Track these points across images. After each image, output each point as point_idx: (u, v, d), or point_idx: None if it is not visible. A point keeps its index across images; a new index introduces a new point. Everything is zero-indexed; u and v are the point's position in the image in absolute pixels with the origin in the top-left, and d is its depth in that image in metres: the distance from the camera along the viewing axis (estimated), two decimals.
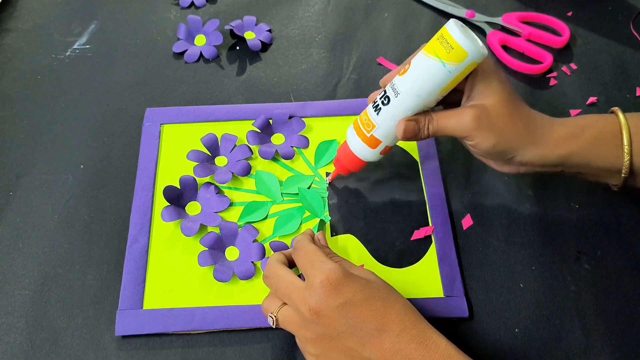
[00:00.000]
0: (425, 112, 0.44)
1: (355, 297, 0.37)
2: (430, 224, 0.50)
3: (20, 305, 0.46)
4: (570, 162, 0.43)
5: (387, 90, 0.44)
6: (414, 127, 0.43)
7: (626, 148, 0.42)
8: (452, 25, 0.39)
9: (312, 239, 0.43)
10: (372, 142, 0.46)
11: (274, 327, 0.40)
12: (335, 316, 0.36)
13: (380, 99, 0.44)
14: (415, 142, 0.54)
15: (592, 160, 0.43)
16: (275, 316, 0.39)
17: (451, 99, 0.45)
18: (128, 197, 0.51)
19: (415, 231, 0.49)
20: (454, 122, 0.43)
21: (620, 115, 0.43)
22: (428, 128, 0.44)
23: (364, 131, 0.45)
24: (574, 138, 0.42)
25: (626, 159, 0.42)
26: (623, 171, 0.43)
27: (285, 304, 0.39)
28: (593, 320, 0.45)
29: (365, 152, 0.47)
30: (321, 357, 0.38)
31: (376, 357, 0.36)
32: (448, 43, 0.39)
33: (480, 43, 0.40)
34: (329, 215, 0.50)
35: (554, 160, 0.43)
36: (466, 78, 0.42)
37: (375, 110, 0.44)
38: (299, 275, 0.40)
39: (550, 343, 0.44)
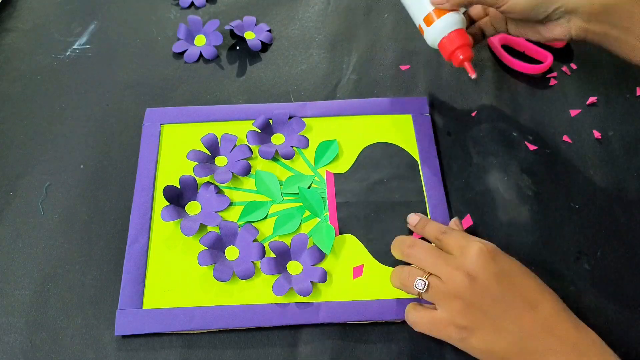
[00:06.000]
0: None
1: (512, 269, 0.38)
2: None
3: (20, 305, 0.46)
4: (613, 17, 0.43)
5: None
6: None
7: None
8: None
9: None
10: (440, 13, 0.50)
11: (423, 291, 0.39)
12: (491, 282, 0.37)
13: None
14: (415, 142, 0.54)
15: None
16: (426, 280, 0.39)
17: None
18: (128, 197, 0.51)
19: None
20: None
21: None
22: None
23: (433, 16, 0.50)
24: None
25: None
26: None
27: (430, 275, 0.40)
28: (593, 320, 0.45)
29: (449, 20, 0.50)
30: (469, 330, 0.38)
31: (527, 332, 0.36)
32: None
33: None
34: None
35: (598, 7, 0.42)
36: None
37: None
38: None
39: None
